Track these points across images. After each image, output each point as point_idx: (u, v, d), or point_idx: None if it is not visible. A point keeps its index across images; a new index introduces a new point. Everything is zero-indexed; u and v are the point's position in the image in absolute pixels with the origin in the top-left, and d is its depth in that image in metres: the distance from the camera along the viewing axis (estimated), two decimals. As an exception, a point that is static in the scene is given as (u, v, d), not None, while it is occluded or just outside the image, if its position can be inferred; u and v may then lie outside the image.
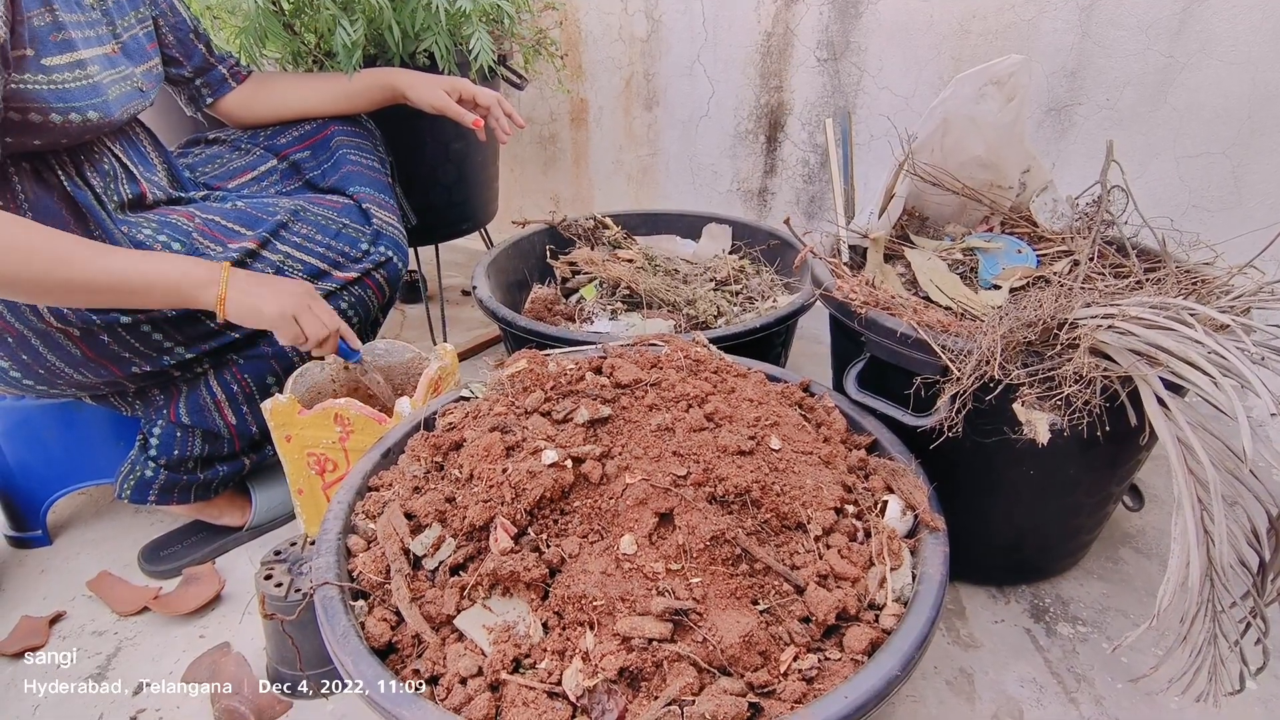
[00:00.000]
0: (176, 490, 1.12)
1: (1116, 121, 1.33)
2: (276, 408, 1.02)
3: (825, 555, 0.72)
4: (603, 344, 0.96)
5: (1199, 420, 0.71)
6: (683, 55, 1.77)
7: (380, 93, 1.27)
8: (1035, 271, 1.03)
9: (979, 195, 1.11)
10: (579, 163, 2.10)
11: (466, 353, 1.71)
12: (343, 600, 0.68)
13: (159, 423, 1.09)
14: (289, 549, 0.94)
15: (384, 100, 1.28)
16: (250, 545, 1.20)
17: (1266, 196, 1.24)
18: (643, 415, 0.79)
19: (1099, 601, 1.06)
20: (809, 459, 0.79)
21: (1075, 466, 0.92)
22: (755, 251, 1.52)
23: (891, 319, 0.90)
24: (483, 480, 0.73)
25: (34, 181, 0.93)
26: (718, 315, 1.32)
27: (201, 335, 1.04)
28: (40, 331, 0.94)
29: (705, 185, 1.89)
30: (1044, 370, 0.79)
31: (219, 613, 1.08)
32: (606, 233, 1.52)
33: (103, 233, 0.97)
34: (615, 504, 0.71)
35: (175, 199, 1.10)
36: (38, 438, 1.15)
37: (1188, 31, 1.23)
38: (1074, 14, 1.30)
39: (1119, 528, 1.18)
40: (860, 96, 1.58)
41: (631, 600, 0.64)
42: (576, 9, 1.87)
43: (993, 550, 1.05)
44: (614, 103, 1.94)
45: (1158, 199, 1.32)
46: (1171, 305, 0.74)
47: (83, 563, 1.17)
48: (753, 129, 1.75)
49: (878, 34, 1.51)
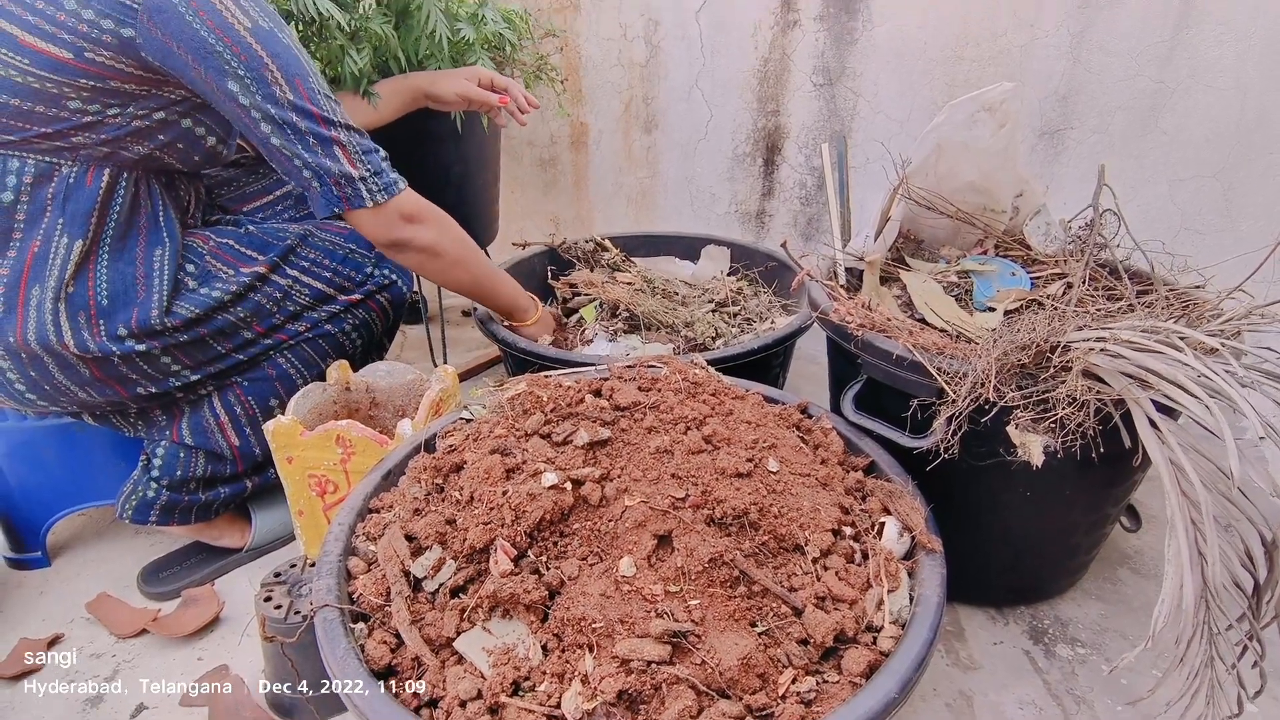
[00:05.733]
0: (178, 511, 1.12)
1: (1108, 145, 1.35)
2: (279, 429, 1.03)
3: (823, 577, 0.72)
4: (602, 365, 0.97)
5: (1190, 442, 0.71)
6: (681, 80, 1.79)
7: (402, 97, 1.30)
8: (1030, 294, 1.04)
9: (973, 219, 1.13)
10: (579, 185, 2.12)
11: (467, 373, 1.72)
12: (343, 622, 0.69)
13: (162, 443, 1.09)
14: (289, 571, 0.94)
15: (407, 105, 1.31)
16: (250, 567, 1.20)
17: (1258, 219, 1.26)
18: (642, 437, 0.80)
19: (1098, 622, 1.06)
20: (806, 481, 0.79)
21: (1071, 488, 0.93)
22: (753, 273, 1.54)
23: (888, 341, 0.91)
24: (483, 502, 0.74)
25: (134, 199, 1.00)
26: (716, 337, 1.33)
27: (209, 359, 1.05)
28: (56, 353, 0.95)
29: (704, 207, 1.91)
30: (1038, 392, 0.80)
31: (218, 634, 1.08)
32: (606, 255, 1.53)
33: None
34: (614, 526, 0.72)
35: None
36: (39, 459, 1.16)
37: (1177, 58, 1.25)
38: (1065, 40, 1.33)
39: (1117, 548, 1.18)
40: (856, 120, 1.60)
41: (631, 622, 0.65)
42: (576, 35, 1.90)
43: (991, 571, 1.05)
44: (614, 126, 1.97)
45: (1150, 221, 1.33)
46: (1162, 329, 0.75)
47: (82, 584, 1.17)
48: (750, 152, 1.78)
49: (873, 59, 1.53)
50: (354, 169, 0.97)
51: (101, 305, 0.96)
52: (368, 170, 0.99)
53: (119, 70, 0.89)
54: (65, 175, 0.93)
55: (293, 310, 1.12)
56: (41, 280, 0.94)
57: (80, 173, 0.94)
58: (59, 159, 0.93)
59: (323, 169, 0.96)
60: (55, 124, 0.90)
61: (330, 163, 0.96)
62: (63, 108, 0.89)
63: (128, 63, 0.88)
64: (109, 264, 0.97)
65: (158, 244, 1.01)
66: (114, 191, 0.97)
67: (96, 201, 0.95)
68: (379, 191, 1.00)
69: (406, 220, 1.03)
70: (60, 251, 0.94)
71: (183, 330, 1.01)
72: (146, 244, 1.00)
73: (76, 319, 0.95)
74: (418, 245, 1.05)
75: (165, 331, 1.00)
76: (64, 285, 0.94)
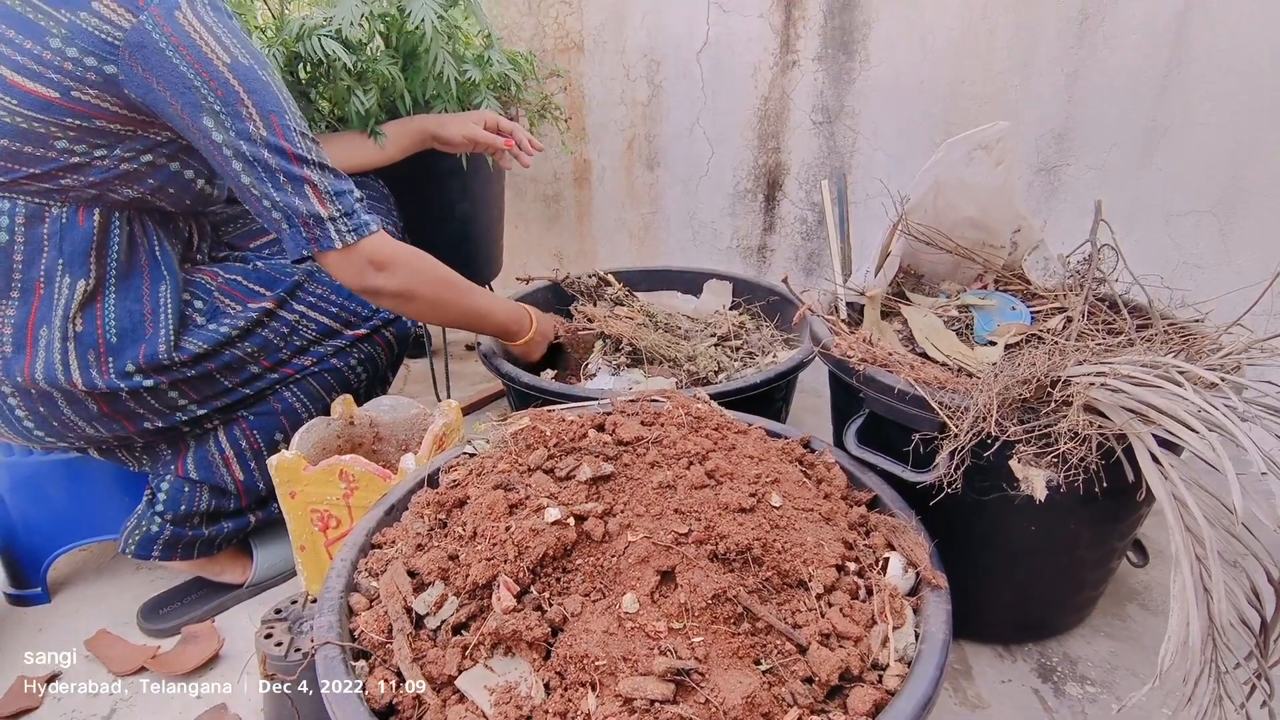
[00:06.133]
0: (180, 546, 1.12)
1: (1104, 181, 1.37)
2: (282, 463, 1.03)
3: (827, 614, 0.71)
4: (605, 400, 0.98)
5: (1194, 477, 0.71)
6: (683, 118, 1.83)
7: (410, 138, 1.33)
8: (1030, 328, 1.04)
9: (972, 254, 1.14)
10: (582, 220, 2.15)
11: (470, 407, 1.73)
12: (344, 660, 0.68)
13: (167, 477, 1.10)
14: (290, 607, 0.94)
15: (414, 146, 1.34)
16: (251, 603, 1.19)
17: (1255, 253, 1.27)
18: (644, 472, 0.80)
19: (1107, 660, 1.05)
20: (810, 516, 0.79)
21: (1076, 522, 0.92)
22: (755, 307, 1.55)
23: (889, 375, 0.91)
24: (486, 538, 0.74)
25: (130, 237, 1.00)
26: (719, 371, 1.34)
27: (216, 393, 1.06)
28: (64, 390, 0.96)
29: (706, 242, 1.93)
30: (1040, 427, 0.80)
31: (217, 672, 1.07)
32: (609, 289, 1.55)
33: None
34: (617, 562, 0.72)
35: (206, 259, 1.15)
36: (44, 493, 1.16)
37: (1170, 96, 1.27)
38: (1059, 79, 1.36)
39: (1125, 584, 1.17)
40: (855, 157, 1.63)
41: (634, 660, 0.64)
42: (580, 75, 1.94)
43: (997, 608, 1.04)
44: (616, 163, 2.00)
45: (1149, 256, 1.34)
46: (1162, 363, 0.76)
47: (81, 621, 1.16)
48: (751, 188, 1.80)
49: (871, 98, 1.56)
50: (323, 209, 0.95)
51: (111, 343, 0.97)
52: (338, 210, 0.96)
53: (104, 110, 0.89)
54: (57, 216, 0.94)
55: (299, 345, 1.13)
56: (49, 321, 0.95)
57: (71, 213, 0.94)
58: (48, 200, 0.93)
59: (291, 208, 0.94)
60: (43, 164, 0.90)
61: (299, 201, 0.94)
62: (50, 148, 0.89)
63: (113, 101, 0.89)
64: (116, 302, 0.98)
65: (160, 280, 1.02)
66: (109, 231, 0.97)
67: (92, 242, 0.96)
68: (348, 233, 0.97)
69: (376, 267, 1.00)
70: (64, 291, 0.95)
71: (191, 365, 1.02)
72: (151, 281, 1.01)
73: (86, 357, 0.96)
74: (389, 292, 1.03)
75: (173, 366, 1.01)
76: (70, 324, 0.95)
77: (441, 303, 1.10)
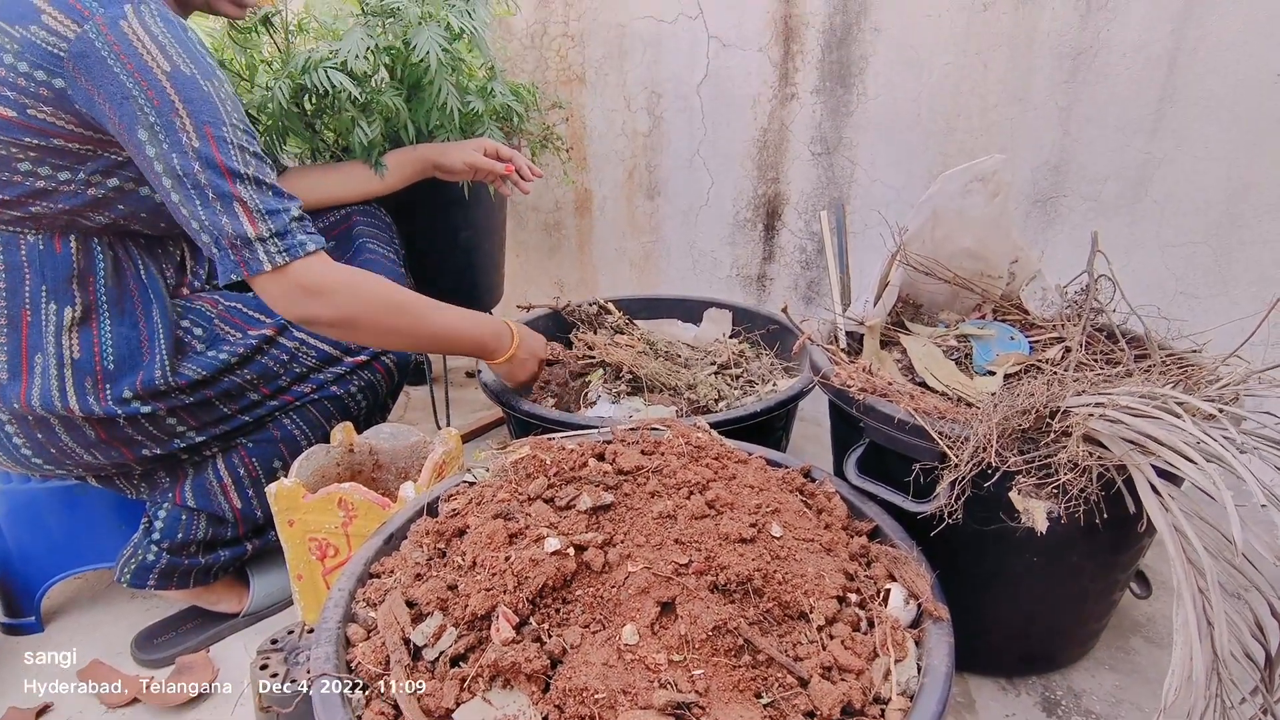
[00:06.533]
0: (177, 575, 1.11)
1: (1100, 212, 1.39)
2: (281, 491, 1.03)
3: (829, 646, 0.71)
4: (605, 428, 0.98)
5: (1194, 508, 0.71)
6: (683, 149, 1.85)
7: (412, 167, 1.34)
8: (1028, 358, 1.05)
9: (970, 284, 1.15)
10: (583, 249, 2.16)
11: (470, 434, 1.73)
12: (340, 692, 0.68)
13: (164, 505, 1.09)
14: (286, 637, 0.93)
15: (416, 175, 1.35)
16: (246, 633, 1.18)
17: (1251, 284, 1.28)
18: (644, 502, 0.80)
19: (1112, 694, 1.03)
20: (810, 546, 0.79)
21: (1078, 553, 0.92)
22: (755, 336, 1.56)
23: (889, 405, 0.91)
24: (485, 568, 0.73)
25: (115, 262, 0.99)
26: (719, 399, 1.34)
27: (215, 420, 1.06)
28: (61, 416, 0.96)
29: (705, 271, 1.95)
30: (1040, 457, 0.80)
31: (211, 704, 1.05)
32: (609, 317, 1.55)
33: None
34: (617, 592, 0.71)
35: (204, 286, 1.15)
36: (40, 521, 1.15)
37: (1163, 129, 1.29)
38: (1054, 113, 1.38)
39: (1128, 616, 1.16)
40: (854, 188, 1.65)
41: (634, 693, 0.64)
42: (582, 107, 1.97)
43: (1000, 640, 1.03)
44: (617, 193, 2.02)
45: (1145, 286, 1.35)
46: (1160, 394, 0.76)
47: (75, 650, 1.15)
48: (751, 218, 1.82)
49: (868, 131, 1.59)
50: (253, 228, 0.89)
51: (108, 369, 0.98)
52: (269, 230, 0.90)
53: (60, 129, 0.87)
54: (33, 244, 0.93)
55: (299, 372, 1.13)
56: (42, 348, 0.95)
57: (47, 240, 0.94)
58: (22, 229, 0.93)
59: (218, 228, 0.88)
60: (10, 189, 0.89)
61: (226, 220, 0.88)
62: (15, 171, 0.88)
63: (67, 118, 0.87)
64: (112, 328, 0.99)
65: (151, 305, 1.02)
66: (91, 257, 0.97)
67: (73, 268, 0.95)
68: (278, 254, 0.91)
69: (308, 292, 0.93)
70: (51, 318, 0.95)
71: (190, 392, 1.02)
72: (143, 305, 1.01)
73: (83, 384, 0.96)
74: (326, 320, 0.95)
75: (171, 393, 1.01)
76: (64, 351, 0.95)
77: (393, 329, 1.02)
